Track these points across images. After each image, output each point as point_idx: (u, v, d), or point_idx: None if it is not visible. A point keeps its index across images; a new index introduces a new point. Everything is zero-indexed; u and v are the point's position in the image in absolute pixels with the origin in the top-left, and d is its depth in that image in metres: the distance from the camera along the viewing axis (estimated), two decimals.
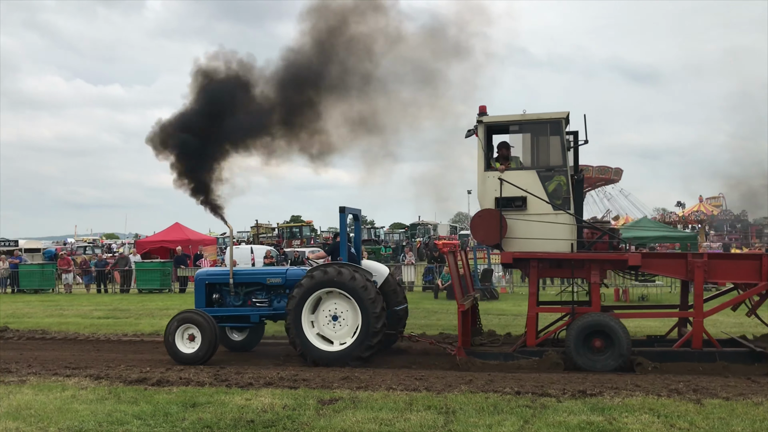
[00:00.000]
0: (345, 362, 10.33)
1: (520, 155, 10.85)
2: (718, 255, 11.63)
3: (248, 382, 8.75)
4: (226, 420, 6.90)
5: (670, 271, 10.63)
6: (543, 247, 10.28)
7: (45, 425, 6.76)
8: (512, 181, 10.36)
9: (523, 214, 10.33)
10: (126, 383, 8.74)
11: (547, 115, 10.49)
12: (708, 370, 9.44)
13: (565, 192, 10.28)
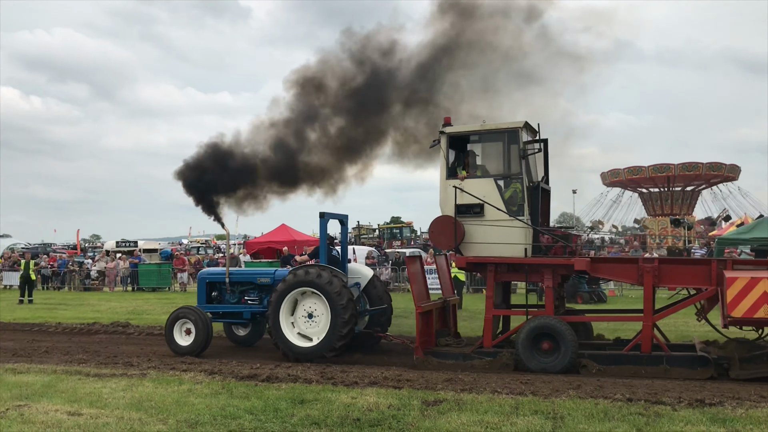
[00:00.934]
0: (320, 357, 10.83)
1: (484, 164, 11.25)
2: (668, 260, 11.55)
3: (353, 381, 8.88)
4: (333, 417, 7.03)
5: (622, 276, 10.83)
6: (499, 252, 10.63)
7: (164, 417, 7.11)
8: (471, 189, 10.74)
9: (481, 220, 10.68)
10: (238, 379, 9.07)
11: (504, 125, 10.92)
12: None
13: (521, 199, 10.57)
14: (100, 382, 8.88)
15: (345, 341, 10.90)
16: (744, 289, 9.20)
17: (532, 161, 11.15)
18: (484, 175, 11.01)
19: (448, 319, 12.08)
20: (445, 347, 11.20)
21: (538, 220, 10.84)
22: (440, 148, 11.11)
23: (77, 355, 11.43)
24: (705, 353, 9.79)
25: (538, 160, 11.45)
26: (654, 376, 9.46)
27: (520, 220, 10.50)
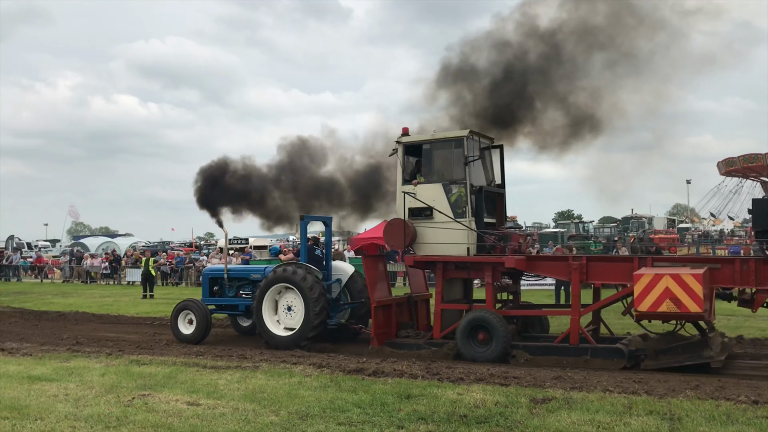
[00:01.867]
0: (295, 345, 11.91)
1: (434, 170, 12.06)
2: (595, 258, 12.04)
3: (459, 377, 8.84)
4: (440, 413, 7.03)
5: (554, 273, 11.70)
6: (446, 251, 11.44)
7: (276, 409, 7.35)
8: (422, 194, 11.62)
9: (430, 222, 11.55)
10: (345, 372, 9.25)
11: (451, 134, 11.79)
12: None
13: (464, 202, 11.35)
14: (216, 374, 9.29)
15: (317, 331, 12.08)
16: (648, 285, 9.64)
17: (489, 166, 12.22)
18: (434, 181, 11.78)
19: (413, 313, 12.84)
20: (404, 338, 12.08)
21: (482, 221, 11.57)
22: (397, 157, 12.01)
23: (195, 348, 12.03)
24: (622, 346, 10.29)
25: (495, 165, 12.36)
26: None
27: (461, 222, 11.30)
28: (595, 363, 10.12)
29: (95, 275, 35.23)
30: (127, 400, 7.79)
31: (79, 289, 30.59)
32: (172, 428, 6.62)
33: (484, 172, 12.19)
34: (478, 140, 11.93)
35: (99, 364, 10.14)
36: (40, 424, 6.81)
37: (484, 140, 12.20)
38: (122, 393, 8.17)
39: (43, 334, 14.71)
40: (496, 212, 12.37)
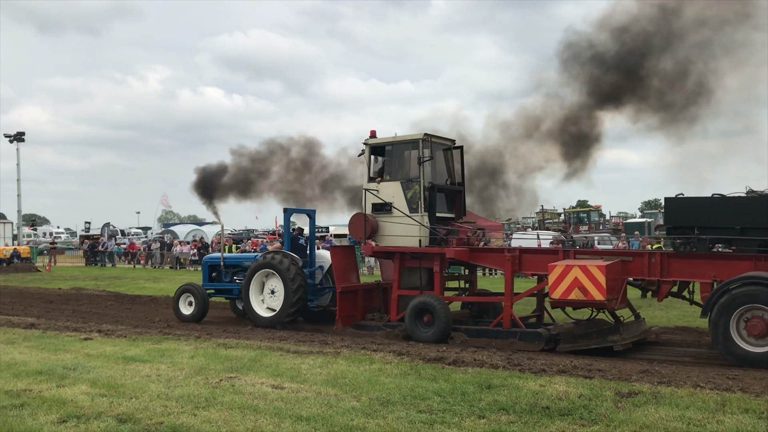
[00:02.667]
0: (275, 325, 13.25)
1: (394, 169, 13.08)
2: (527, 249, 12.43)
3: (541, 369, 8.71)
4: (522, 404, 6.94)
5: (493, 264, 12.73)
6: (401, 243, 12.58)
7: (357, 394, 7.45)
8: (384, 191, 12.77)
9: (390, 216, 12.64)
10: (425, 361, 9.26)
11: (409, 137, 12.73)
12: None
13: (418, 199, 12.37)
14: (299, 359, 9.50)
15: (295, 313, 13.43)
16: (560, 275, 10.58)
17: (450, 166, 13.25)
18: (394, 179, 12.85)
19: (383, 298, 13.79)
20: (369, 321, 13.25)
21: (434, 216, 12.55)
22: (364, 157, 13.12)
23: (278, 333, 12.32)
24: (543, 330, 11.21)
25: (457, 165, 13.30)
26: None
27: (412, 217, 12.38)
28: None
29: (184, 261, 36.64)
30: (215, 382, 8.07)
31: (169, 274, 31.90)
32: (257, 410, 6.81)
33: (446, 171, 13.33)
34: (434, 143, 12.80)
35: (188, 347, 10.55)
36: (135, 403, 7.14)
37: (443, 142, 13.22)
38: (210, 375, 8.47)
39: (136, 317, 15.42)
40: (456, 208, 13.38)
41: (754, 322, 9.41)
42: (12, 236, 52.53)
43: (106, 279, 28.21)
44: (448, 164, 13.34)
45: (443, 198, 13.11)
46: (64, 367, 8.98)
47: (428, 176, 12.57)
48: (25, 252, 41.59)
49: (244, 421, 6.42)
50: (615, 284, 10.52)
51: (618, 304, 10.89)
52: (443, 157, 13.30)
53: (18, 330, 12.57)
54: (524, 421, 6.40)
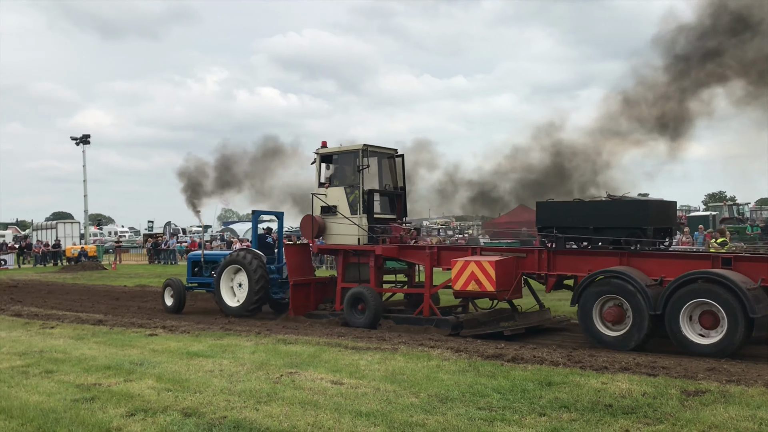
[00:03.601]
0: (241, 314, 14.90)
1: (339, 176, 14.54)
2: (443, 247, 13.92)
3: (603, 366, 8.54)
4: (583, 402, 6.82)
5: (417, 259, 13.67)
6: (344, 241, 14.12)
7: (416, 391, 7.45)
8: (330, 196, 14.32)
9: (335, 218, 14.14)
10: (483, 357, 9.20)
11: (350, 148, 14.16)
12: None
13: (357, 202, 13.86)
14: (357, 355, 9.56)
15: (257, 304, 15.07)
16: (460, 270, 11.96)
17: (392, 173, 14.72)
18: (339, 185, 14.31)
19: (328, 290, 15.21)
20: (320, 310, 14.65)
21: (373, 217, 13.98)
22: (316, 166, 14.72)
23: (336, 329, 12.44)
24: (452, 318, 12.56)
25: (398, 170, 14.71)
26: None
27: (350, 219, 13.87)
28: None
29: None
30: (276, 377, 8.20)
31: None
32: (317, 405, 6.89)
33: (390, 177, 14.81)
34: (375, 152, 14.41)
35: (249, 343, 10.75)
36: (199, 397, 7.32)
37: (385, 152, 14.69)
38: (271, 370, 8.61)
39: (198, 313, 15.79)
40: (396, 210, 14.83)
41: (610, 309, 10.61)
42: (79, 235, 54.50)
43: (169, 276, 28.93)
44: (390, 171, 14.84)
45: (386, 201, 14.85)
46: (131, 362, 9.27)
47: (373, 182, 14.41)
48: (92, 251, 43.13)
49: (304, 416, 6.51)
50: (506, 278, 11.89)
51: (510, 295, 12.18)
52: (386, 165, 14.87)
53: (87, 326, 13.04)
54: (586, 419, 6.29)
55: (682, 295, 9.89)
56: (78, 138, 53.13)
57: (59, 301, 19.17)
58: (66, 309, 16.89)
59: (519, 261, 12.14)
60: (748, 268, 10.03)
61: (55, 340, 11.47)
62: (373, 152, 14.22)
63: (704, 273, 9.92)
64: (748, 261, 10.34)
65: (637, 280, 10.32)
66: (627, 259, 11.04)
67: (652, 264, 10.86)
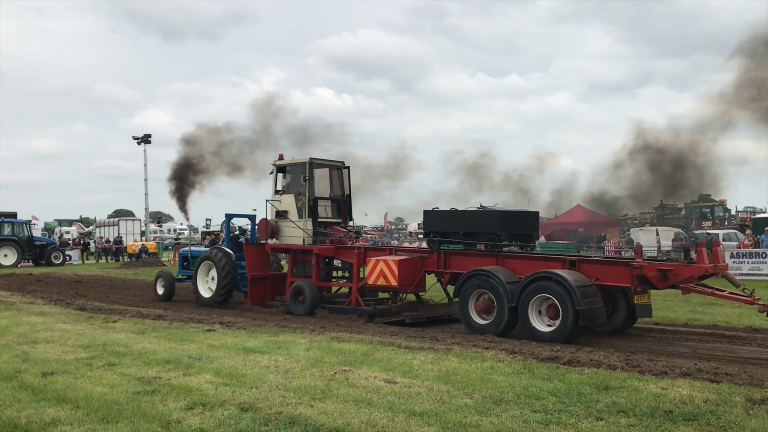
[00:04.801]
0: (212, 304, 17.02)
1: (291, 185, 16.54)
2: (369, 248, 15.75)
3: (662, 371, 8.33)
4: (642, 407, 6.67)
5: (348, 258, 15.45)
6: (292, 242, 16.18)
7: (470, 392, 7.41)
8: (284, 202, 16.36)
9: (286, 222, 16.27)
10: (539, 360, 9.09)
11: (300, 160, 16.16)
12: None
13: (303, 208, 15.91)
14: (410, 354, 9.56)
15: (225, 296, 17.12)
16: (373, 267, 13.99)
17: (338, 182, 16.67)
18: (290, 192, 16.31)
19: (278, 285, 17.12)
20: (275, 301, 16.58)
21: (317, 221, 15.97)
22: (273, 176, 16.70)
23: (389, 328, 12.46)
24: (370, 308, 14.33)
25: (344, 180, 16.62)
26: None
27: (296, 223, 16.01)
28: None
29: None
30: (330, 375, 8.27)
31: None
32: (371, 404, 6.93)
33: (335, 185, 16.72)
34: (322, 164, 16.35)
35: (303, 340, 10.87)
36: (255, 392, 7.44)
37: (332, 164, 16.62)
38: (325, 367, 8.69)
39: (254, 310, 16.06)
40: (342, 214, 16.78)
41: (481, 302, 12.34)
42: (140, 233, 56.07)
43: None
44: (338, 181, 16.73)
45: (334, 207, 16.84)
46: (190, 357, 9.49)
47: (322, 190, 16.40)
48: (152, 247, 44.37)
49: (358, 414, 6.54)
50: (409, 274, 13.83)
51: (412, 289, 14.21)
52: (336, 176, 16.76)
53: (147, 321, 13.41)
54: (645, 425, 6.14)
55: (530, 290, 11.51)
56: (139, 138, 54.66)
57: (121, 296, 19.79)
58: (127, 304, 17.44)
59: (422, 260, 14.02)
60: (587, 269, 11.71)
61: (117, 333, 11.83)
62: (321, 164, 16.35)
63: (546, 272, 11.44)
64: (587, 263, 12.03)
65: (500, 278, 11.98)
66: (501, 260, 12.79)
67: (518, 264, 12.56)
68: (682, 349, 10.60)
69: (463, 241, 13.64)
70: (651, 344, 11.17)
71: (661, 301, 16.90)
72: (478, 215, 14.13)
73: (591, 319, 11.01)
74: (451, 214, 14.27)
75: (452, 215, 14.18)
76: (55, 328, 12.59)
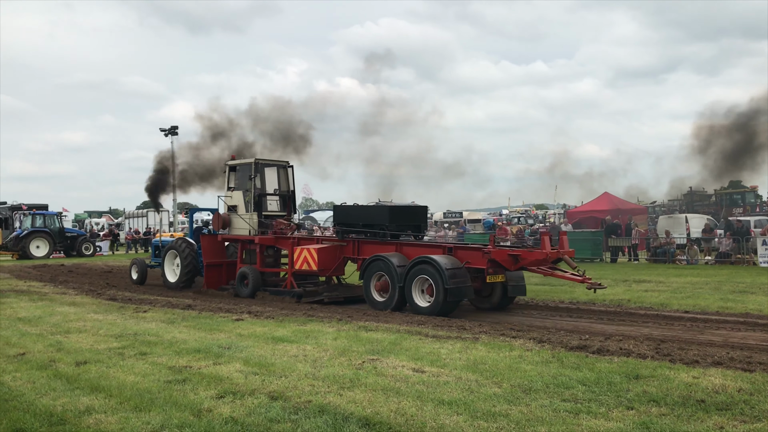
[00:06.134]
0: (176, 287, 19.13)
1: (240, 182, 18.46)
2: (302, 238, 17.10)
3: (693, 360, 8.23)
4: (673, 396, 6.60)
5: (285, 246, 17.26)
6: (240, 233, 17.98)
7: (498, 381, 7.39)
8: (234, 198, 18.26)
9: (235, 215, 18.14)
10: (567, 349, 9.03)
11: (247, 161, 18.22)
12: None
13: (250, 203, 17.81)
14: (437, 343, 9.57)
15: (186, 282, 19.24)
16: (298, 254, 15.90)
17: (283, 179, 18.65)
18: (238, 189, 18.23)
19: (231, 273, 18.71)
20: (229, 286, 18.25)
21: (262, 215, 17.75)
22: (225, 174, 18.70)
23: (416, 317, 12.48)
24: (299, 289, 16.24)
25: (289, 178, 18.66)
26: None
27: (242, 217, 17.92)
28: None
29: None
30: (358, 364, 8.31)
31: None
32: (400, 392, 6.94)
33: (282, 182, 18.62)
34: (267, 164, 18.32)
35: (331, 329, 10.93)
36: (285, 381, 7.51)
37: (277, 163, 18.77)
38: (353, 356, 8.73)
39: (282, 299, 16.19)
40: (287, 208, 18.65)
41: (379, 282, 14.22)
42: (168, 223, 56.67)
43: None
44: (284, 178, 18.67)
45: (281, 202, 18.57)
46: (219, 346, 9.59)
47: (271, 186, 18.30)
48: None
49: (387, 403, 6.57)
50: (328, 260, 15.65)
51: (331, 273, 16.19)
52: (282, 174, 18.66)
53: (177, 310, 13.58)
54: (677, 414, 6.08)
55: (413, 272, 13.40)
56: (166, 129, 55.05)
57: (150, 287, 20.06)
58: (157, 294, 17.66)
59: (341, 248, 15.82)
60: (462, 255, 13.64)
61: (148, 323, 12.00)
62: (267, 164, 18.39)
63: (425, 257, 13.36)
64: (461, 249, 13.99)
65: (393, 262, 13.86)
66: (399, 248, 14.68)
67: (411, 250, 14.44)
68: (714, 338, 10.45)
69: (361, 230, 15.72)
70: (681, 333, 11.02)
71: (691, 289, 16.71)
72: (372, 210, 16.65)
73: (458, 296, 12.98)
74: (352, 208, 16.66)
75: (353, 209, 16.51)
76: (87, 318, 12.82)
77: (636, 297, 15.03)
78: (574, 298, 15.40)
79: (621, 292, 16.34)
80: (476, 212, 57.26)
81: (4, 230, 40.53)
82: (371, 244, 15.38)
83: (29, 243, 37.23)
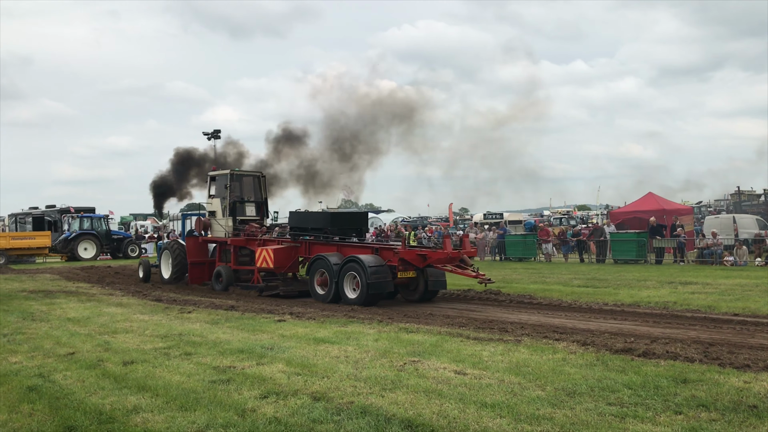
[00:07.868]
0: (169, 283, 21.33)
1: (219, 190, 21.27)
2: (266, 240, 19.01)
3: (744, 364, 8.02)
4: (723, 401, 6.43)
5: (252, 247, 19.17)
6: (219, 236, 20.50)
7: (542, 384, 7.30)
8: (214, 204, 20.96)
9: (215, 219, 20.82)
10: (612, 351, 8.88)
11: (222, 172, 20.94)
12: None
13: (226, 208, 20.42)
14: (479, 345, 9.50)
15: (176, 278, 21.50)
16: (259, 253, 18.06)
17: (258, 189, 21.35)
18: (217, 197, 20.81)
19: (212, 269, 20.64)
20: (210, 282, 19.92)
21: (236, 220, 20.33)
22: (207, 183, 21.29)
23: (458, 319, 12.42)
24: (262, 284, 18.22)
25: (262, 186, 21.36)
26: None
27: (218, 221, 20.57)
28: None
29: None
30: (399, 365, 8.30)
31: None
32: (442, 395, 6.92)
33: (256, 191, 21.24)
34: (241, 174, 21.11)
35: (372, 330, 10.95)
36: (327, 382, 7.54)
37: (251, 173, 21.59)
38: (394, 358, 8.73)
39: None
40: (260, 214, 21.17)
41: (320, 278, 16.24)
42: None
43: None
44: (258, 187, 21.27)
45: (256, 208, 21.12)
46: (262, 347, 9.69)
47: (247, 194, 20.91)
48: None
49: (429, 405, 6.54)
50: (283, 259, 17.74)
51: (286, 270, 18.27)
52: (257, 183, 21.22)
53: (220, 311, 13.77)
54: (728, 420, 5.92)
55: (344, 269, 15.48)
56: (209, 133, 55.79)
57: (194, 288, 20.38)
58: (201, 295, 17.95)
59: (296, 249, 17.98)
60: (385, 254, 15.67)
61: (192, 324, 12.19)
62: (242, 175, 21.10)
63: (353, 257, 15.49)
64: (384, 249, 15.96)
65: (330, 260, 15.89)
66: (340, 248, 16.85)
67: (348, 250, 16.53)
68: (766, 342, 10.14)
69: (309, 233, 17.97)
70: (730, 336, 10.74)
71: (741, 291, 16.27)
72: (318, 215, 20.14)
73: (378, 290, 14.88)
74: (303, 214, 19.63)
75: (304, 215, 19.37)
76: (133, 318, 13.08)
77: (682, 299, 14.69)
78: (618, 301, 15.13)
79: (666, 294, 15.98)
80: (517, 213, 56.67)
81: (54, 233, 41.60)
82: (318, 245, 17.50)
83: (77, 245, 38.17)
